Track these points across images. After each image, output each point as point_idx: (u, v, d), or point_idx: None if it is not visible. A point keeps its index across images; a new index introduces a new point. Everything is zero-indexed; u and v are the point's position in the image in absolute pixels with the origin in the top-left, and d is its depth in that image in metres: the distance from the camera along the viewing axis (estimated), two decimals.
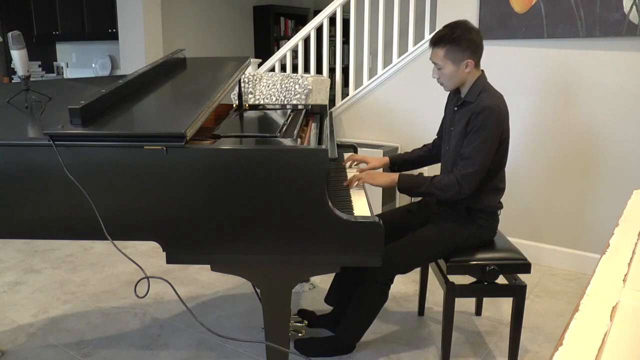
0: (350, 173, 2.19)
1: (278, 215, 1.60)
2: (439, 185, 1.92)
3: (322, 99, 3.53)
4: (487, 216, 2.03)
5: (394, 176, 2.01)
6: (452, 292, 1.97)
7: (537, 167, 3.05)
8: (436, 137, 2.27)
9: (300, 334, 2.20)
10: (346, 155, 2.45)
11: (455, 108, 2.04)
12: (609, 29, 2.68)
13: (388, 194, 3.52)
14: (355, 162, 2.35)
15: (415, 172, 2.33)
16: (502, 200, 2.08)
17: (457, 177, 1.90)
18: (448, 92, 2.13)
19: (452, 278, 2.00)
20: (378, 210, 3.30)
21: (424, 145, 2.32)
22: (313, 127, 2.33)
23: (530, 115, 3.02)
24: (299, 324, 2.25)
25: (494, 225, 2.07)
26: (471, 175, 1.89)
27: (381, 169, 2.29)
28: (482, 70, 2.01)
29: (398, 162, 2.30)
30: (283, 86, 3.42)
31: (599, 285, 0.91)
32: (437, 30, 1.98)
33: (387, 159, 2.31)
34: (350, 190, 2.00)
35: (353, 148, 2.57)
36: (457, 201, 2.00)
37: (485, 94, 1.93)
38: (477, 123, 1.88)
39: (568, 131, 2.92)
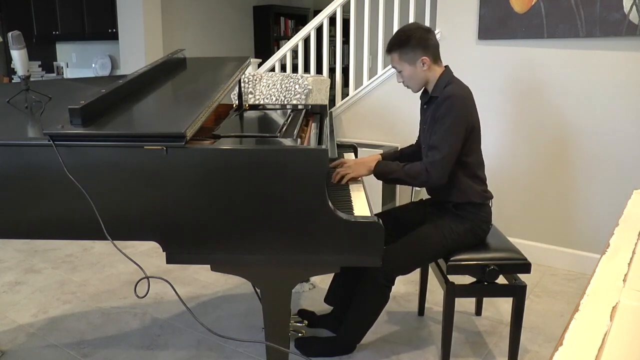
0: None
1: (278, 215, 1.60)
2: (409, 172, 1.97)
3: (322, 99, 3.53)
4: (476, 209, 2.03)
5: (372, 164, 2.06)
6: (452, 292, 1.97)
7: (537, 167, 3.05)
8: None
9: (300, 334, 2.20)
10: (347, 156, 2.45)
11: (425, 106, 2.09)
12: (609, 29, 2.68)
13: (388, 194, 3.52)
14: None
15: None
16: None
17: (426, 164, 1.94)
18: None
19: (452, 278, 2.00)
20: (378, 210, 3.30)
21: (410, 145, 2.34)
22: (313, 127, 2.32)
23: (531, 114, 3.02)
24: (299, 324, 2.25)
25: (487, 218, 2.07)
26: (438, 162, 1.92)
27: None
28: (447, 66, 2.05)
29: (389, 159, 2.31)
30: (283, 86, 3.42)
31: (599, 285, 0.91)
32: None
33: (373, 160, 2.30)
34: (350, 190, 2.01)
35: (353, 148, 2.57)
36: (444, 201, 2.05)
37: (451, 85, 1.98)
38: (441, 111, 1.93)
39: (568, 131, 2.92)
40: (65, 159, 1.56)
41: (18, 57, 1.96)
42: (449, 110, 1.91)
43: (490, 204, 2.09)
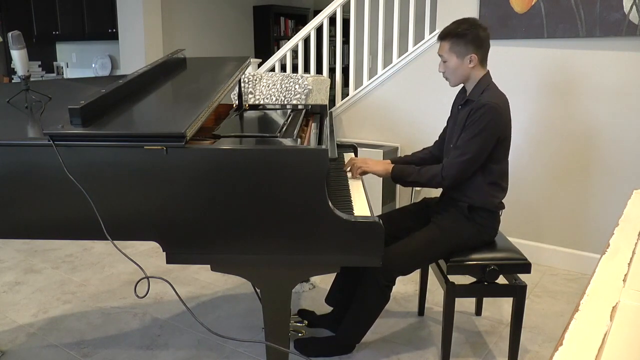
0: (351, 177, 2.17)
1: (278, 215, 1.60)
2: (425, 174, 2.00)
3: (322, 99, 3.53)
4: (487, 215, 2.03)
5: (389, 166, 2.10)
6: (452, 292, 1.97)
7: (537, 167, 3.05)
8: (438, 139, 2.28)
9: (300, 334, 2.20)
10: (347, 155, 2.44)
11: (460, 107, 2.08)
12: (609, 29, 2.68)
13: (388, 194, 3.52)
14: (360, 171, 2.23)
15: None
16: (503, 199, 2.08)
17: (443, 164, 1.96)
18: (454, 92, 2.17)
19: (452, 278, 2.00)
20: (378, 210, 3.30)
21: (424, 148, 2.33)
22: (313, 127, 2.32)
23: (530, 115, 3.02)
24: (299, 324, 2.25)
25: (495, 226, 2.07)
26: (456, 164, 1.93)
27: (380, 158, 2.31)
28: (488, 70, 2.04)
29: (400, 164, 2.30)
30: (283, 86, 3.42)
31: (599, 285, 0.91)
32: (443, 27, 2.06)
33: (389, 162, 2.29)
34: (350, 190, 2.00)
35: (353, 148, 2.57)
36: (458, 200, 2.03)
37: (488, 92, 1.97)
38: (474, 118, 1.92)
39: (568, 131, 2.92)
40: (65, 159, 1.56)
41: (18, 57, 1.96)
42: (481, 120, 1.90)
43: (500, 214, 2.09)
